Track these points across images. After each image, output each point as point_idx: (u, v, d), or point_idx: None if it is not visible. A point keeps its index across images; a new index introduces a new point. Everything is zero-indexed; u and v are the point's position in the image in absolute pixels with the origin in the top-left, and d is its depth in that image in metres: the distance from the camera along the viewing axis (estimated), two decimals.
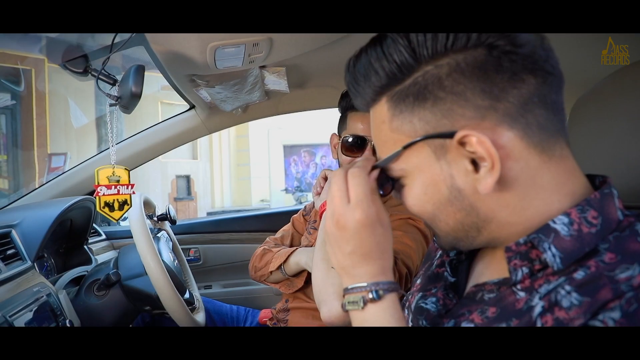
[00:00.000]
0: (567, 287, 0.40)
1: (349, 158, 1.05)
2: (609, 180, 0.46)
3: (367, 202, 0.48)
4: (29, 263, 1.01)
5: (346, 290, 0.50)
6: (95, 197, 0.94)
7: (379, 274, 0.49)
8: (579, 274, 0.40)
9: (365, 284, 0.49)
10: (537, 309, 0.41)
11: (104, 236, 1.59)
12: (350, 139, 1.03)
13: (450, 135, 0.42)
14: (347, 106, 1.08)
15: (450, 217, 0.46)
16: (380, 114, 0.47)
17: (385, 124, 0.47)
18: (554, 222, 0.43)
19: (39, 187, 1.51)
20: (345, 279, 0.51)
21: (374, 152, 1.02)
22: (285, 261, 1.10)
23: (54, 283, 1.05)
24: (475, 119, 0.41)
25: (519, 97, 0.41)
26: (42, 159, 5.41)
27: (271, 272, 1.13)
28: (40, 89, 5.24)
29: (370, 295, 0.48)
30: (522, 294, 0.44)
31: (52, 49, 0.79)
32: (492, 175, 0.41)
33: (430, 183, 0.45)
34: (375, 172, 0.51)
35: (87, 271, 1.21)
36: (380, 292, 0.48)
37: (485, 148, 0.41)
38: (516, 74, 0.41)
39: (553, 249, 0.42)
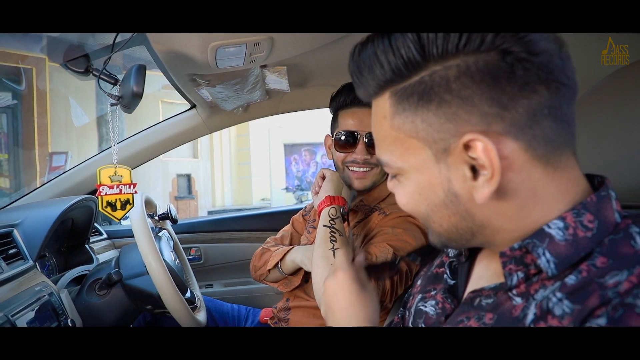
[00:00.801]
0: (559, 294, 0.39)
1: (342, 155, 1.06)
2: (607, 182, 0.44)
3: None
4: (31, 262, 1.01)
5: None
6: (97, 197, 0.94)
7: None
8: (571, 279, 0.39)
9: None
10: (530, 317, 0.41)
11: (105, 235, 1.59)
12: (342, 136, 1.05)
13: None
14: (337, 106, 1.09)
15: (445, 220, 0.46)
16: (382, 108, 0.45)
17: (386, 120, 0.45)
18: (549, 227, 0.42)
19: (40, 186, 1.51)
20: None
21: (366, 146, 1.03)
22: (281, 259, 1.10)
23: (55, 282, 1.05)
24: (481, 126, 0.40)
25: (528, 108, 0.39)
26: (43, 157, 5.41)
27: (269, 271, 1.14)
28: (41, 88, 5.24)
29: None
30: (518, 299, 0.43)
31: (53, 49, 0.79)
32: (490, 186, 0.40)
33: (427, 184, 0.45)
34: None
35: (88, 270, 1.21)
36: None
37: (489, 157, 0.39)
38: (528, 83, 0.38)
39: (547, 255, 0.41)
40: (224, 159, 10.31)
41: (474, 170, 0.41)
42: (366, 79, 0.45)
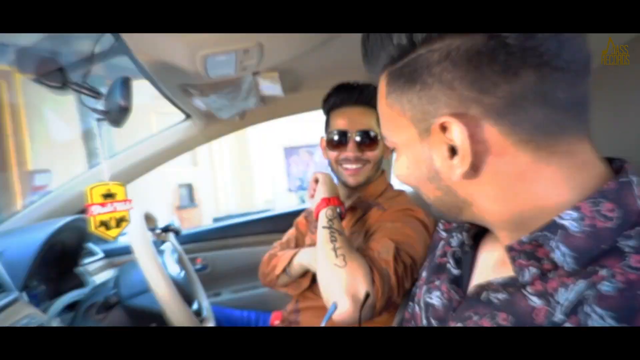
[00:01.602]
0: (599, 310, 0.35)
1: (335, 153, 1.09)
2: (627, 167, 0.41)
3: None
4: (16, 293, 0.95)
5: None
6: (88, 217, 0.90)
7: None
8: (606, 286, 0.35)
9: None
10: None
11: (101, 254, 1.53)
12: (334, 136, 1.08)
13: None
14: (328, 107, 1.13)
15: (431, 193, 0.48)
16: (381, 86, 0.49)
17: (383, 98, 0.48)
18: (561, 218, 0.39)
19: (23, 209, 1.40)
20: None
21: (357, 144, 1.06)
22: (289, 263, 1.11)
23: (46, 311, 1.00)
24: (460, 109, 0.40)
25: (509, 93, 0.38)
26: (24, 177, 4.98)
27: (278, 276, 1.14)
28: (14, 103, 4.98)
29: None
30: (536, 300, 0.40)
31: (23, 61, 0.69)
32: (462, 167, 0.41)
33: (413, 160, 0.47)
34: None
35: (83, 295, 1.16)
36: None
37: (461, 140, 0.40)
38: (511, 67, 0.37)
39: (562, 248, 0.38)
40: (224, 165, 10.33)
41: (454, 151, 0.42)
42: (370, 59, 0.49)
